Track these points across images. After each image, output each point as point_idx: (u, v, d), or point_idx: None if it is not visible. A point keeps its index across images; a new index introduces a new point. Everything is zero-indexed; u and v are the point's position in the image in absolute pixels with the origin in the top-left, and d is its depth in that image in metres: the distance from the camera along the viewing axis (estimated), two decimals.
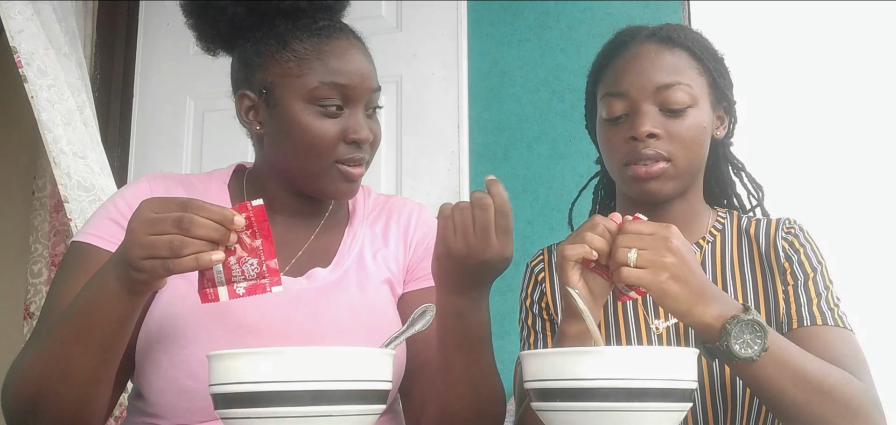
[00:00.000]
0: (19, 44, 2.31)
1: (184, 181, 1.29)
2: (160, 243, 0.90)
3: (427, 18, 2.82)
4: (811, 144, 2.99)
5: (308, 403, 0.77)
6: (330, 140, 1.18)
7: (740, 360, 1.02)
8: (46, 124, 2.32)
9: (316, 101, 1.18)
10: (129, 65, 3.03)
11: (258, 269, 0.94)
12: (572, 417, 0.84)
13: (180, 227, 0.90)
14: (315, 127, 1.17)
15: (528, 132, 2.92)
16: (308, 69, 1.18)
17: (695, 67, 1.26)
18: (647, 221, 1.04)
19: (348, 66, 1.20)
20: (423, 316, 0.97)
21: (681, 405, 0.85)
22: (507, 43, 2.99)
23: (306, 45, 1.19)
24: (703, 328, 1.03)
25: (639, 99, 1.23)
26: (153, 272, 0.92)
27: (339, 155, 1.19)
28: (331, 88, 1.18)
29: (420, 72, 2.79)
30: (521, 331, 1.35)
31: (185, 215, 0.90)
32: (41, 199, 2.87)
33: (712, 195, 1.38)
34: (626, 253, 1.01)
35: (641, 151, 1.21)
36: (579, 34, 2.89)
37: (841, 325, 1.19)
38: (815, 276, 1.23)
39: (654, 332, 1.25)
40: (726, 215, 1.34)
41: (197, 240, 0.90)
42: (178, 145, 2.86)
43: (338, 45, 1.21)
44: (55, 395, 1.01)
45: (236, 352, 0.79)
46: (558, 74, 2.90)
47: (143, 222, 0.92)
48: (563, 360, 0.85)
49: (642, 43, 1.27)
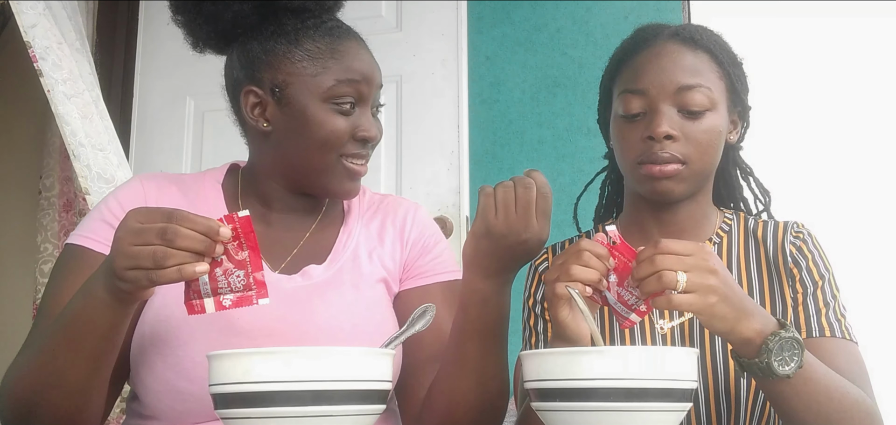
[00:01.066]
0: (33, 38, 2.29)
1: (177, 181, 1.28)
2: (144, 254, 0.90)
3: (427, 18, 2.82)
4: (813, 147, 2.99)
5: (308, 403, 0.77)
6: (342, 136, 1.19)
7: (778, 377, 1.01)
8: (64, 118, 2.30)
9: (332, 99, 1.19)
10: (129, 65, 3.03)
11: (245, 281, 0.94)
12: (572, 417, 0.84)
13: (164, 238, 0.89)
14: (329, 124, 1.19)
15: (529, 131, 2.92)
16: (323, 68, 1.20)
17: (715, 70, 1.25)
18: (681, 241, 1.00)
19: (362, 65, 1.22)
20: (423, 316, 0.97)
21: (681, 405, 0.85)
22: (507, 42, 2.99)
23: (319, 45, 1.21)
24: (743, 343, 1.02)
25: (658, 98, 1.22)
26: (137, 283, 0.92)
27: (346, 151, 1.21)
28: (346, 86, 1.20)
29: (420, 71, 2.79)
30: (523, 332, 1.35)
31: (170, 226, 0.90)
32: (49, 199, 2.87)
33: (719, 197, 1.38)
34: (674, 277, 0.96)
35: (657, 152, 1.20)
36: (579, 33, 2.89)
37: (847, 338, 1.19)
38: (823, 285, 1.23)
39: (659, 332, 1.25)
40: (733, 216, 1.34)
41: (181, 251, 0.90)
42: (178, 145, 2.86)
43: (350, 44, 1.23)
44: (49, 402, 1.02)
45: (236, 352, 0.79)
46: (558, 73, 2.90)
47: (128, 232, 0.92)
48: (563, 360, 0.85)
49: (665, 41, 1.26)
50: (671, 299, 0.97)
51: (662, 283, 0.96)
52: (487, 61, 2.98)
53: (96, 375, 1.02)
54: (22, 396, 1.03)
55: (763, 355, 1.00)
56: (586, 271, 1.00)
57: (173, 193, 1.25)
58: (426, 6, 2.82)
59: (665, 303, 0.98)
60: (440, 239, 1.33)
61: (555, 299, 1.02)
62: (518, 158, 2.91)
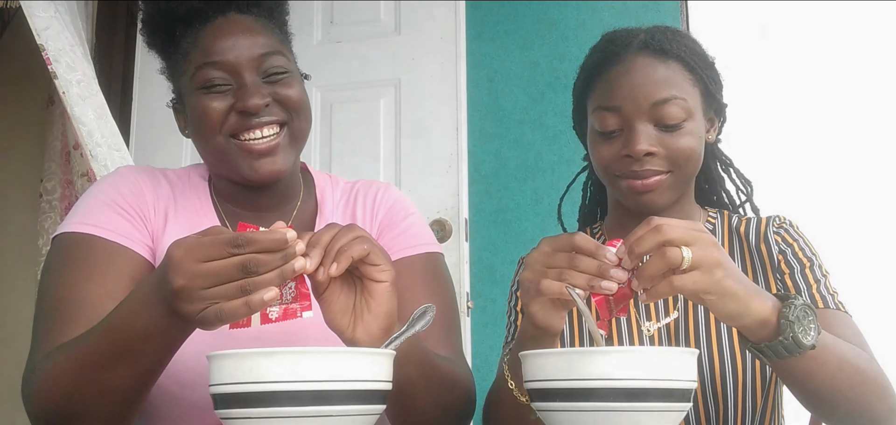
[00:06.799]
0: (46, 41, 2.28)
1: (164, 174, 1.28)
2: (228, 292, 0.85)
3: (425, 21, 2.82)
4: (808, 142, 2.99)
5: (308, 403, 0.77)
6: (217, 114, 1.17)
7: (804, 350, 0.95)
8: (80, 119, 2.29)
9: (201, 86, 1.17)
10: (128, 66, 3.04)
11: (294, 293, 0.91)
12: (572, 417, 0.84)
13: (247, 271, 0.84)
14: (201, 106, 1.17)
15: (527, 134, 2.92)
16: (190, 60, 1.19)
17: (689, 78, 1.23)
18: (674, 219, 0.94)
19: (222, 43, 1.17)
20: (423, 316, 0.97)
21: (681, 405, 0.85)
22: (506, 44, 2.99)
23: (188, 40, 1.20)
24: (760, 324, 0.96)
25: (633, 116, 1.20)
26: (214, 324, 0.87)
27: (231, 129, 1.17)
28: (209, 68, 1.17)
29: (418, 74, 2.80)
30: (509, 316, 1.36)
31: (249, 257, 0.84)
32: (50, 202, 2.86)
33: (702, 192, 1.38)
34: (679, 252, 0.89)
35: (637, 169, 1.20)
36: (578, 34, 2.89)
37: (842, 310, 1.19)
38: (811, 266, 1.23)
39: (646, 334, 1.24)
40: (717, 215, 1.34)
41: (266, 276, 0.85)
42: (178, 146, 2.86)
43: (212, 26, 1.19)
44: (98, 408, 0.98)
45: (236, 353, 0.79)
46: (556, 75, 2.90)
47: (198, 275, 0.85)
48: (564, 360, 0.85)
49: (635, 55, 1.23)
50: (673, 282, 0.91)
51: (667, 260, 0.90)
52: (486, 63, 2.98)
53: (149, 383, 0.99)
54: (63, 400, 0.99)
55: (786, 330, 0.94)
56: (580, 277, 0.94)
57: (161, 185, 1.25)
58: (424, 9, 2.82)
59: (667, 289, 0.91)
60: (411, 212, 1.31)
61: (533, 292, 0.97)
62: (517, 159, 2.91)
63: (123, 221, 1.16)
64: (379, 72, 2.84)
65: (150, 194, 1.22)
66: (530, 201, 2.86)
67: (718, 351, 1.20)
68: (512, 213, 2.87)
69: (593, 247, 0.94)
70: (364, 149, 2.80)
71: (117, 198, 1.18)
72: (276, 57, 1.19)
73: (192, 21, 1.20)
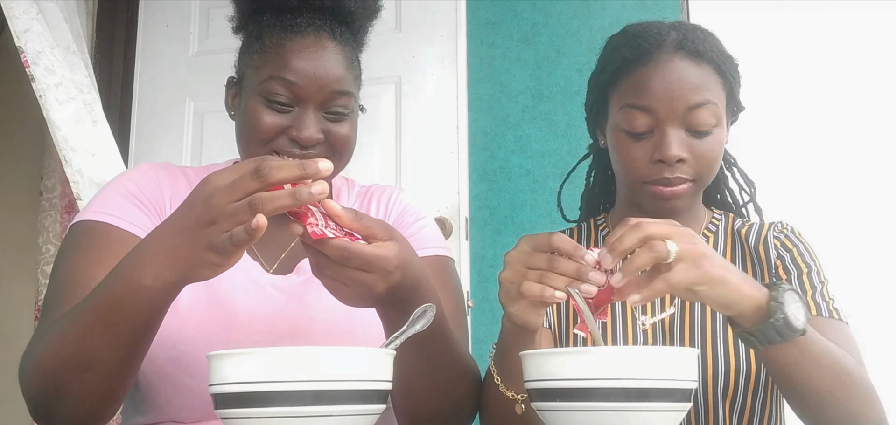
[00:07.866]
0: (25, 43, 2.30)
1: (183, 172, 1.29)
2: (242, 208, 0.85)
3: (426, 19, 2.82)
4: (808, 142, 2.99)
5: (308, 403, 0.77)
6: (268, 130, 1.17)
7: (795, 335, 0.96)
8: (56, 123, 2.30)
9: (265, 94, 1.18)
10: (128, 66, 3.04)
11: (337, 232, 0.91)
12: (572, 417, 0.84)
13: (260, 177, 0.84)
14: (256, 115, 1.18)
15: (528, 132, 2.92)
16: (266, 62, 1.19)
17: (719, 82, 1.21)
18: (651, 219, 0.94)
19: (302, 65, 1.18)
20: (424, 315, 0.96)
21: (681, 405, 0.85)
22: (506, 43, 2.99)
23: (273, 40, 1.20)
24: (754, 309, 0.96)
25: (667, 119, 1.18)
26: (237, 240, 0.85)
27: (278, 147, 1.18)
28: (279, 83, 1.17)
29: (419, 72, 2.80)
30: None
31: (263, 164, 0.85)
32: (51, 200, 2.87)
33: (705, 192, 1.37)
34: (664, 246, 0.90)
35: (667, 175, 1.18)
36: (578, 33, 2.89)
37: (836, 317, 1.19)
38: (809, 273, 1.23)
39: (641, 328, 1.24)
40: (721, 216, 1.34)
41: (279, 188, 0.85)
42: (178, 146, 2.86)
43: (300, 42, 1.19)
44: (83, 382, 0.97)
45: (236, 352, 0.79)
46: (557, 73, 2.90)
47: (217, 190, 0.86)
48: (563, 360, 0.85)
49: (670, 54, 1.20)
50: (666, 278, 0.91)
51: (654, 252, 0.90)
52: (486, 62, 2.98)
53: (135, 357, 0.99)
54: (50, 374, 0.99)
55: (776, 311, 0.95)
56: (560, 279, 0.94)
57: (179, 180, 1.26)
58: (425, 7, 2.82)
59: (663, 286, 0.91)
60: (421, 216, 1.33)
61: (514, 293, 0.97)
62: (517, 158, 2.91)
63: (137, 211, 1.18)
64: (379, 70, 2.83)
65: (167, 188, 1.23)
66: (530, 200, 2.86)
67: (712, 348, 1.21)
68: (512, 212, 2.87)
69: (572, 248, 0.94)
70: (364, 148, 2.80)
71: (134, 190, 1.19)
72: (344, 98, 1.20)
73: (284, 20, 1.21)
